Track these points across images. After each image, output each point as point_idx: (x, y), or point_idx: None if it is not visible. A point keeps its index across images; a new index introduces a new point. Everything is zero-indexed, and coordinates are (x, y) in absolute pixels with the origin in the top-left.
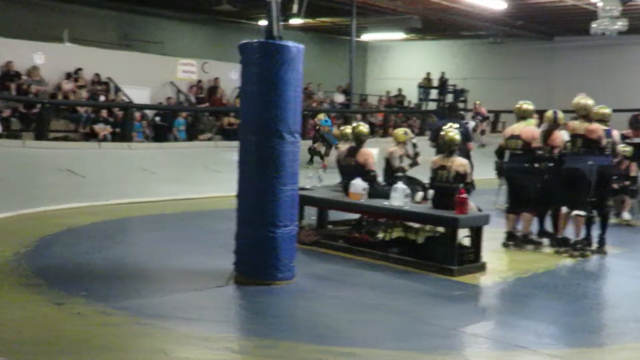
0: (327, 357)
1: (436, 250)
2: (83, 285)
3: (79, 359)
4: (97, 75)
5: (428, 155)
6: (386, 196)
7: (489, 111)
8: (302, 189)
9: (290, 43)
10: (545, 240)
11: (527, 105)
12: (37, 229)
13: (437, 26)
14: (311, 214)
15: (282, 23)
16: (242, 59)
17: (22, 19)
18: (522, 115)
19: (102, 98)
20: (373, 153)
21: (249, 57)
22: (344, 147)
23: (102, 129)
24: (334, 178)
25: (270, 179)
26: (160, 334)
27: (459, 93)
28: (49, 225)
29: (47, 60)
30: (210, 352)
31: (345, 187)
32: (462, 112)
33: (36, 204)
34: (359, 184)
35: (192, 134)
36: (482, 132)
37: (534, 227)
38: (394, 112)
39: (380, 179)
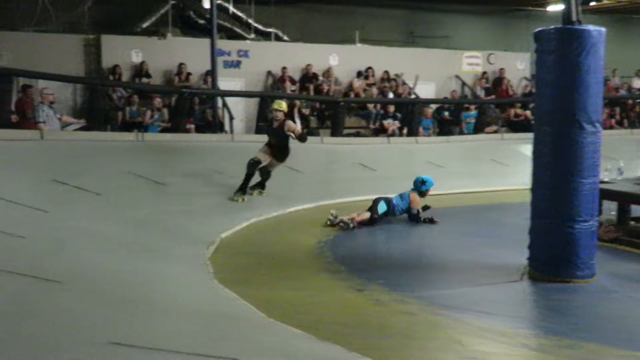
0: None
1: None
2: (380, 274)
3: (382, 344)
4: (386, 72)
5: None
6: None
7: None
8: (601, 182)
9: (591, 27)
10: None
11: None
12: None
13: None
14: (610, 209)
15: (580, 7)
16: (537, 47)
17: (319, 25)
18: None
19: (390, 94)
20: None
21: (545, 44)
22: None
23: (390, 124)
24: (636, 170)
25: (569, 172)
26: (456, 325)
27: None
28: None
29: (340, 61)
30: (507, 347)
31: None
32: None
33: (334, 196)
34: None
35: (477, 127)
36: None
37: None
38: None
39: None
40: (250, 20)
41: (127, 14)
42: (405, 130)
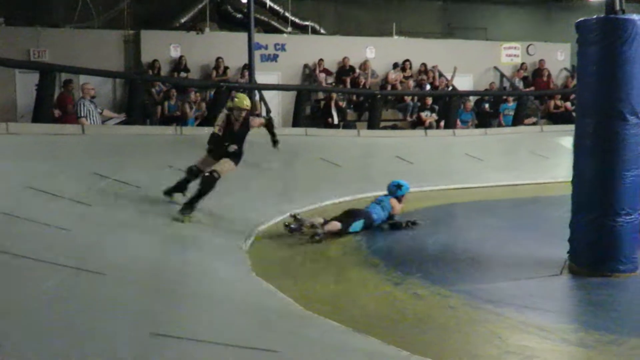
0: None
1: None
2: (417, 267)
3: (420, 337)
4: (423, 65)
5: None
6: None
7: None
8: None
9: (635, 16)
10: None
11: None
12: None
13: None
14: None
15: None
16: (578, 37)
17: (355, 17)
18: None
19: (427, 87)
20: None
21: (587, 35)
22: None
23: (427, 117)
24: None
25: (611, 164)
26: (495, 319)
27: None
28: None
29: (377, 54)
30: (547, 342)
31: None
32: None
33: (370, 189)
34: None
35: (516, 119)
36: None
37: None
38: None
39: None
40: (287, 14)
41: (166, 10)
42: (442, 123)
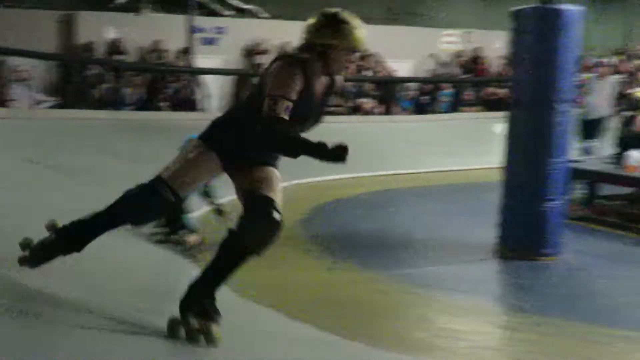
0: (601, 339)
1: None
2: (353, 253)
3: (353, 322)
4: (364, 50)
5: None
6: None
7: None
8: (572, 161)
9: (568, 6)
10: None
11: None
12: (310, 199)
13: None
14: (580, 188)
15: None
16: (514, 26)
17: (299, 2)
18: None
19: (367, 73)
20: None
21: (523, 24)
22: None
23: (367, 102)
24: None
25: (539, 151)
26: (425, 303)
27: None
28: (320, 196)
29: None
30: (475, 324)
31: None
32: None
33: (307, 175)
34: (635, 155)
35: (454, 106)
36: None
37: None
38: None
39: None
40: None
41: None
42: (382, 109)
